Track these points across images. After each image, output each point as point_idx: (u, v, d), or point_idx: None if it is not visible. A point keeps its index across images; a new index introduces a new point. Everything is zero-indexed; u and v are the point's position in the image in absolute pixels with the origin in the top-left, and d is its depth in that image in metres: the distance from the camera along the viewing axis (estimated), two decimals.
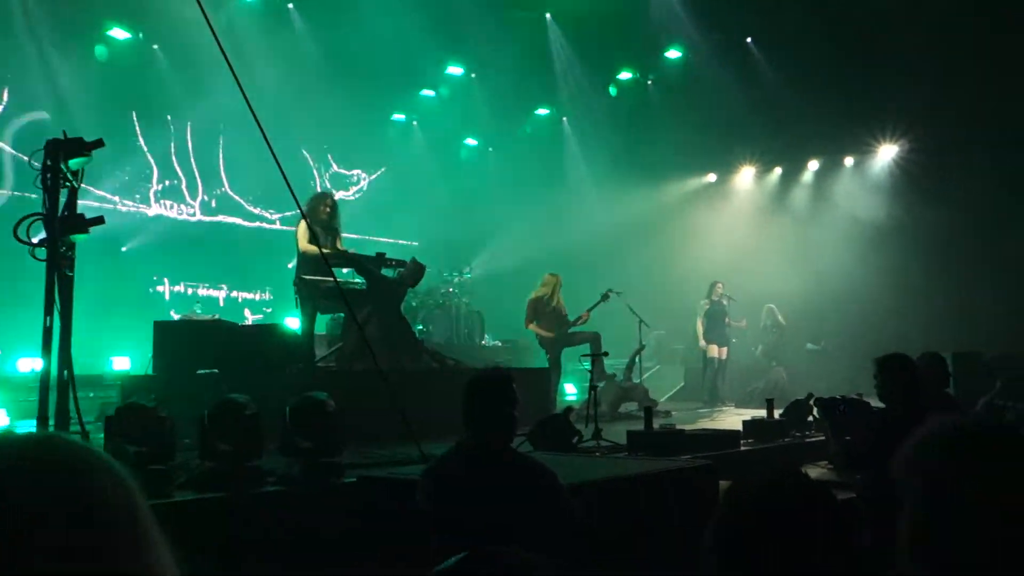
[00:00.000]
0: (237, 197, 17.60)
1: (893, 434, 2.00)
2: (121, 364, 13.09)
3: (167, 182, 16.75)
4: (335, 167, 19.27)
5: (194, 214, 17.04)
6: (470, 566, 1.20)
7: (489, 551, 1.23)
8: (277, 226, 17.80)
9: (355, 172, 19.60)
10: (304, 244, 9.51)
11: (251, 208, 17.77)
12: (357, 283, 10.05)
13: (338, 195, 10.91)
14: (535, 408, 9.11)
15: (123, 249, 15.82)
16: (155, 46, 16.05)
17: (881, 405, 5.44)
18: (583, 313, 12.79)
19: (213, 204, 17.38)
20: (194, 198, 17.12)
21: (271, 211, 17.87)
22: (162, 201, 16.65)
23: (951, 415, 1.74)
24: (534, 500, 3.78)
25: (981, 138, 15.89)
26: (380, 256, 10.05)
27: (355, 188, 19.61)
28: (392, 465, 6.28)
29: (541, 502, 3.80)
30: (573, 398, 14.32)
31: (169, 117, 16.73)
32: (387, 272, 10.09)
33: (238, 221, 17.64)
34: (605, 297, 13.08)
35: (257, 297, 17.26)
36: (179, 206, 16.90)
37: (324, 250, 9.14)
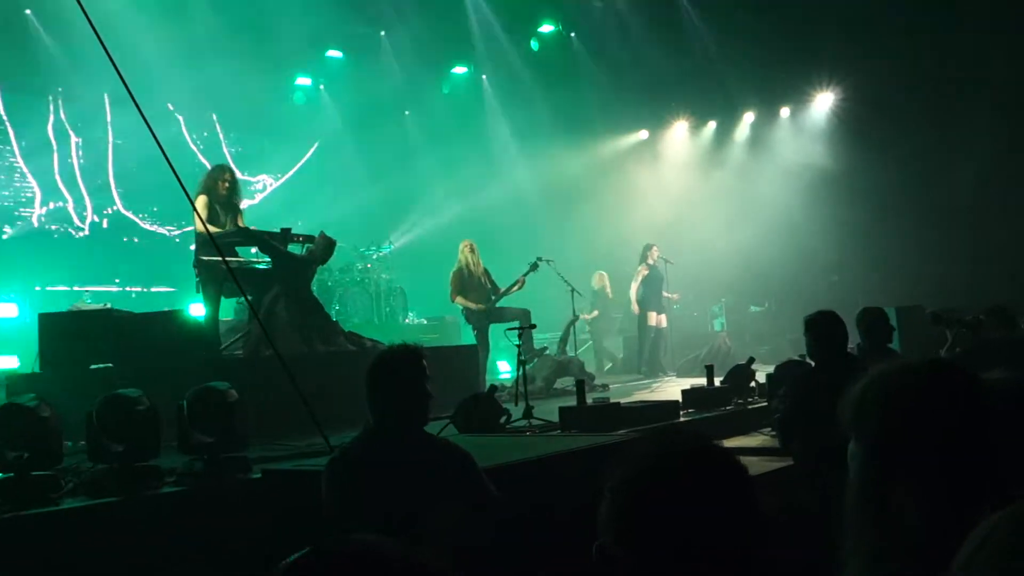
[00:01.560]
0: (131, 215, 16.99)
1: (822, 393, 1.99)
2: (8, 363, 12.73)
3: (51, 204, 16.12)
4: (239, 174, 18.59)
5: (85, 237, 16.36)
6: (311, 562, 1.15)
7: (340, 545, 1.17)
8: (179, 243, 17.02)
9: (260, 178, 19.16)
10: (201, 223, 9.28)
11: (147, 226, 17.12)
12: (262, 263, 9.88)
13: (244, 204, 10.63)
14: (463, 388, 9.09)
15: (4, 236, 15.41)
16: (27, 10, 15.51)
17: None
18: (517, 281, 12.76)
19: (105, 224, 16.70)
20: (83, 221, 16.45)
21: (169, 227, 17.26)
22: (49, 227, 15.98)
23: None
24: (444, 485, 3.73)
25: (919, 85, 16.18)
26: (285, 232, 9.88)
27: (261, 196, 19.12)
28: (301, 457, 6.20)
29: (452, 487, 3.76)
30: (508, 376, 14.34)
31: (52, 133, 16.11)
32: (294, 249, 9.93)
33: (134, 240, 17.04)
34: (534, 267, 13.07)
35: (155, 291, 16.70)
36: (68, 229, 16.26)
37: (220, 229, 8.95)
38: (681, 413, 8.94)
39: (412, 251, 19.01)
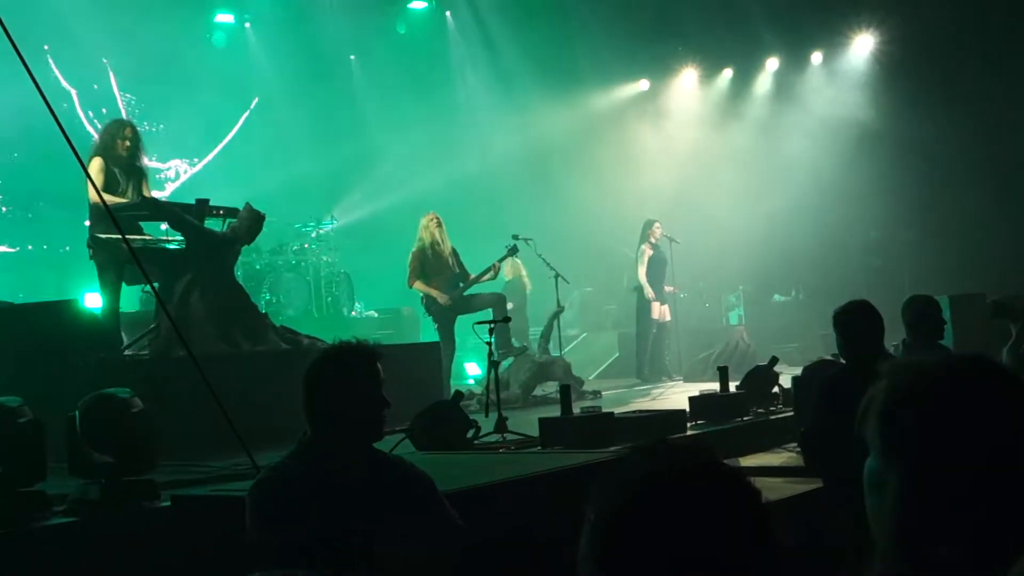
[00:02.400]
0: None
1: (853, 400, 2.01)
2: None
3: None
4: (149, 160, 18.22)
5: None
6: None
7: None
8: None
9: (172, 164, 18.88)
10: (96, 192, 9.18)
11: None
12: (173, 242, 9.84)
13: (156, 193, 10.55)
14: (422, 396, 9.16)
15: None
16: None
17: None
18: (491, 267, 12.78)
19: None
20: None
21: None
22: None
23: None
24: (397, 513, 3.73)
25: (976, 23, 16.24)
26: (202, 204, 9.84)
27: (174, 186, 18.90)
28: (221, 481, 6.19)
29: (407, 515, 3.75)
30: (477, 380, 14.38)
31: None
32: (213, 225, 9.89)
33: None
34: (512, 250, 13.09)
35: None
36: None
37: (120, 200, 8.88)
38: (688, 425, 8.98)
39: (360, 229, 19.02)
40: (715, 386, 10.02)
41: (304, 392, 3.93)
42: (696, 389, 10.89)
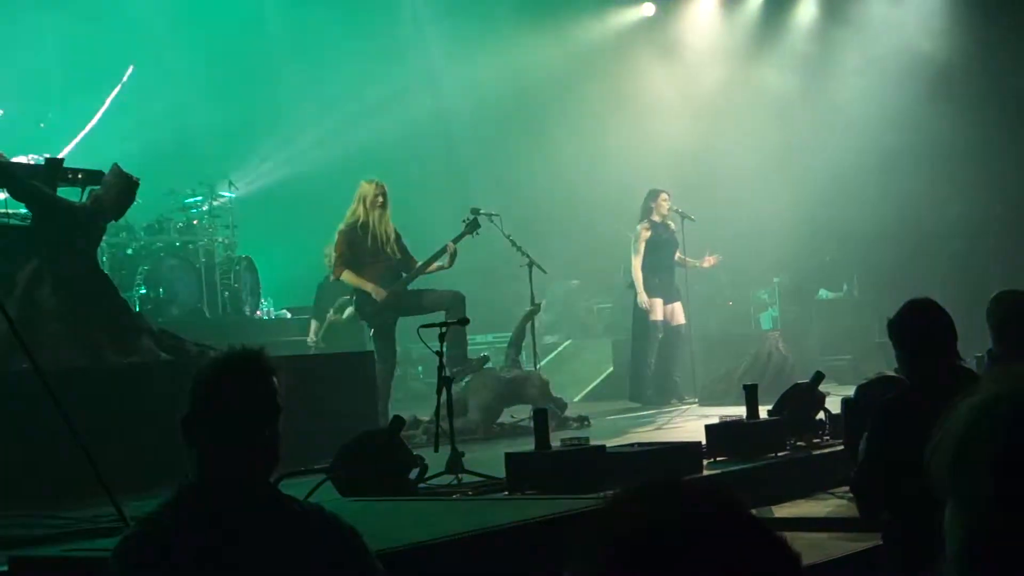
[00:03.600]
0: None
1: (916, 429, 2.02)
2: None
3: None
4: None
5: None
6: None
7: None
8: None
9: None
10: None
11: None
12: (14, 217, 9.80)
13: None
14: (350, 422, 9.11)
15: None
16: None
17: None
18: (443, 250, 12.80)
19: None
20: None
21: None
22: None
23: None
24: None
25: None
26: (54, 165, 9.81)
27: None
28: (78, 537, 6.16)
29: None
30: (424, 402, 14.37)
31: None
32: (69, 194, 9.87)
33: None
34: (472, 225, 13.07)
35: None
36: None
37: None
38: (705, 463, 9.02)
39: (268, 200, 19.08)
40: (741, 411, 10.01)
41: (182, 418, 3.91)
42: (715, 415, 10.92)
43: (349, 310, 14.94)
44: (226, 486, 3.89)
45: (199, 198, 17.08)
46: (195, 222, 16.84)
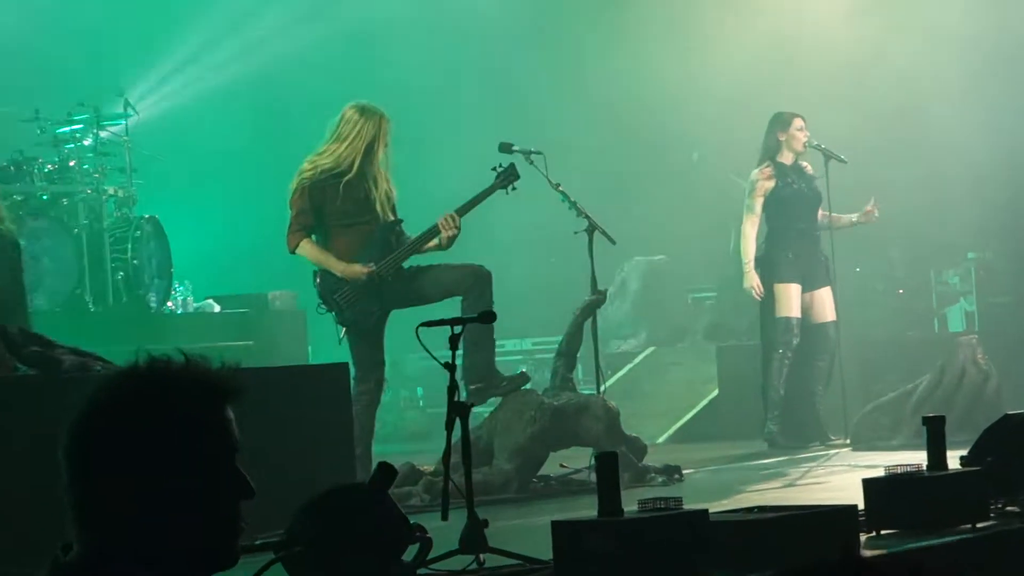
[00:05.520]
0: None
1: None
2: None
3: None
4: None
5: None
6: None
7: None
8: None
9: None
10: None
11: None
12: None
13: None
14: (316, 471, 9.51)
15: None
16: None
17: None
18: (470, 204, 12.79)
19: None
20: None
21: None
22: None
23: None
24: None
25: None
26: None
27: None
28: None
29: None
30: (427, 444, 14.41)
31: None
32: None
33: None
34: (507, 175, 13.06)
35: None
36: None
37: None
38: (863, 539, 9.01)
39: (183, 131, 19.43)
40: (919, 457, 9.96)
41: (65, 465, 3.87)
42: (878, 463, 10.88)
43: None
44: (125, 568, 3.83)
45: (78, 127, 17.10)
46: (72, 163, 16.88)
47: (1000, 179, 17.76)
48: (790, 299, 14.99)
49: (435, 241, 12.93)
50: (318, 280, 12.94)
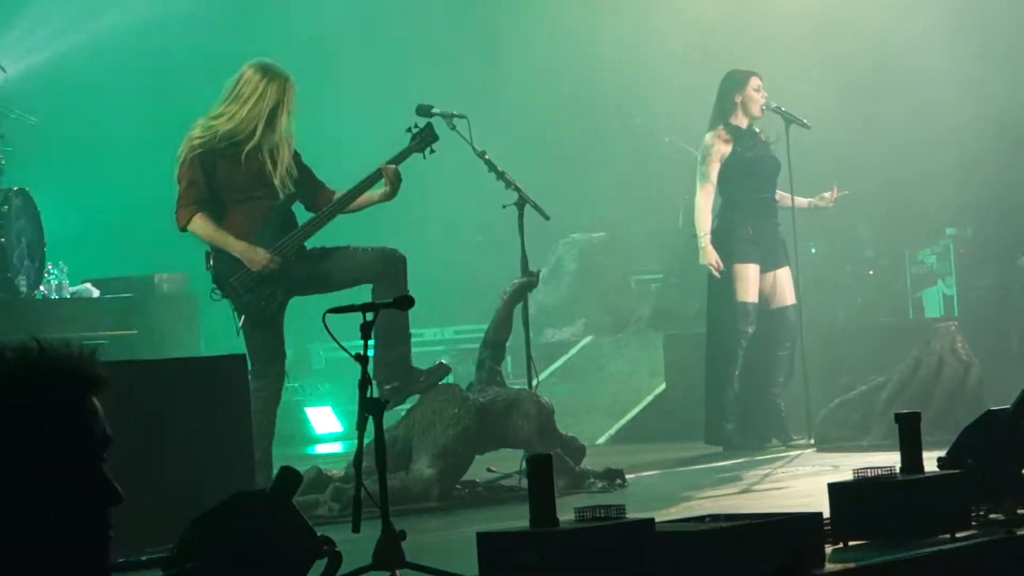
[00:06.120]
0: None
1: None
2: None
3: None
4: None
5: None
6: None
7: None
8: None
9: None
10: None
11: None
12: None
13: None
14: (211, 478, 9.49)
15: None
16: None
17: None
18: (375, 174, 12.81)
19: None
20: None
21: None
22: None
23: None
24: None
25: None
26: None
27: None
28: None
29: None
30: (337, 445, 14.46)
31: None
32: None
33: None
34: (424, 136, 13.11)
35: None
36: None
37: None
38: (828, 549, 9.05)
39: (56, 91, 19.51)
40: (892, 459, 10.04)
41: None
42: (845, 465, 10.99)
43: None
44: None
45: None
46: None
47: (984, 147, 17.84)
48: (748, 281, 15.03)
49: (371, 194, 12.90)
50: (211, 262, 12.89)
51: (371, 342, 9.78)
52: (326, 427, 15.54)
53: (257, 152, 12.71)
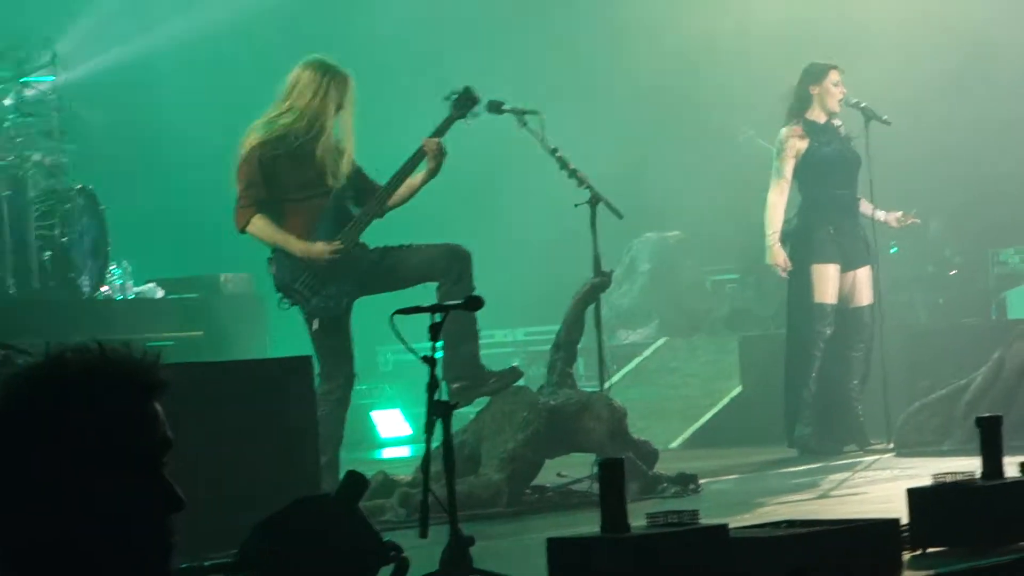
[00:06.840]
0: None
1: None
2: None
3: None
4: None
5: None
6: None
7: None
8: None
9: None
10: None
11: None
12: None
13: None
14: (275, 483, 9.46)
15: None
16: None
17: None
18: (419, 151, 12.80)
19: None
20: None
21: None
22: None
23: None
24: None
25: None
26: None
27: None
28: None
29: None
30: (404, 449, 14.43)
31: None
32: None
33: None
34: (464, 102, 13.12)
35: None
36: None
37: None
38: (905, 556, 9.01)
39: (123, 90, 19.45)
40: (972, 464, 9.96)
41: None
42: (924, 470, 10.88)
43: None
44: None
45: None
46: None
47: None
48: (827, 282, 14.96)
49: (412, 179, 12.90)
50: (274, 268, 12.89)
51: (439, 343, 9.77)
52: (393, 431, 15.51)
53: (323, 149, 12.68)
